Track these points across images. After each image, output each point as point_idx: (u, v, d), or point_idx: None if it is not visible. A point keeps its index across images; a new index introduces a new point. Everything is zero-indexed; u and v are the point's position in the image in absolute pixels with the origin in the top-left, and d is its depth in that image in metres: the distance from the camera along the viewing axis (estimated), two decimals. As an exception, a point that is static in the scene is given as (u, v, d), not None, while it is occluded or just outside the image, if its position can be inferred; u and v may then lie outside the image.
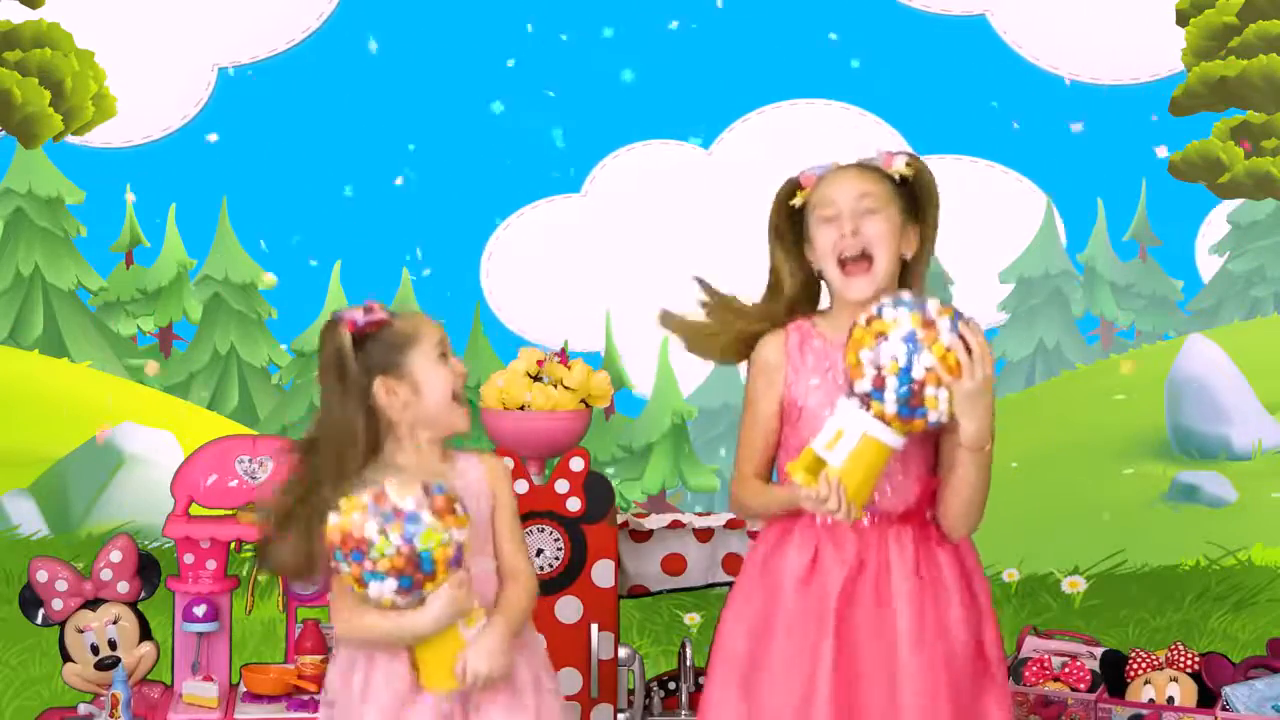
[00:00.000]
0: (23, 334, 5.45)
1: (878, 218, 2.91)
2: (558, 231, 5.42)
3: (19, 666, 4.93)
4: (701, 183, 5.41)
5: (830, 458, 2.78)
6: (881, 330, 2.73)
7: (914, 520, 2.94)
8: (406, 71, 5.36)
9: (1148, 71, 5.44)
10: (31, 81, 5.38)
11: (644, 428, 5.50)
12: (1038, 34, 5.44)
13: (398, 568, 2.73)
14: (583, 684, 3.75)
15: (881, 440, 2.77)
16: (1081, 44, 5.44)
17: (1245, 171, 5.53)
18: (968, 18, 5.42)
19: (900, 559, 2.91)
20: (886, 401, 2.74)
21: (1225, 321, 5.60)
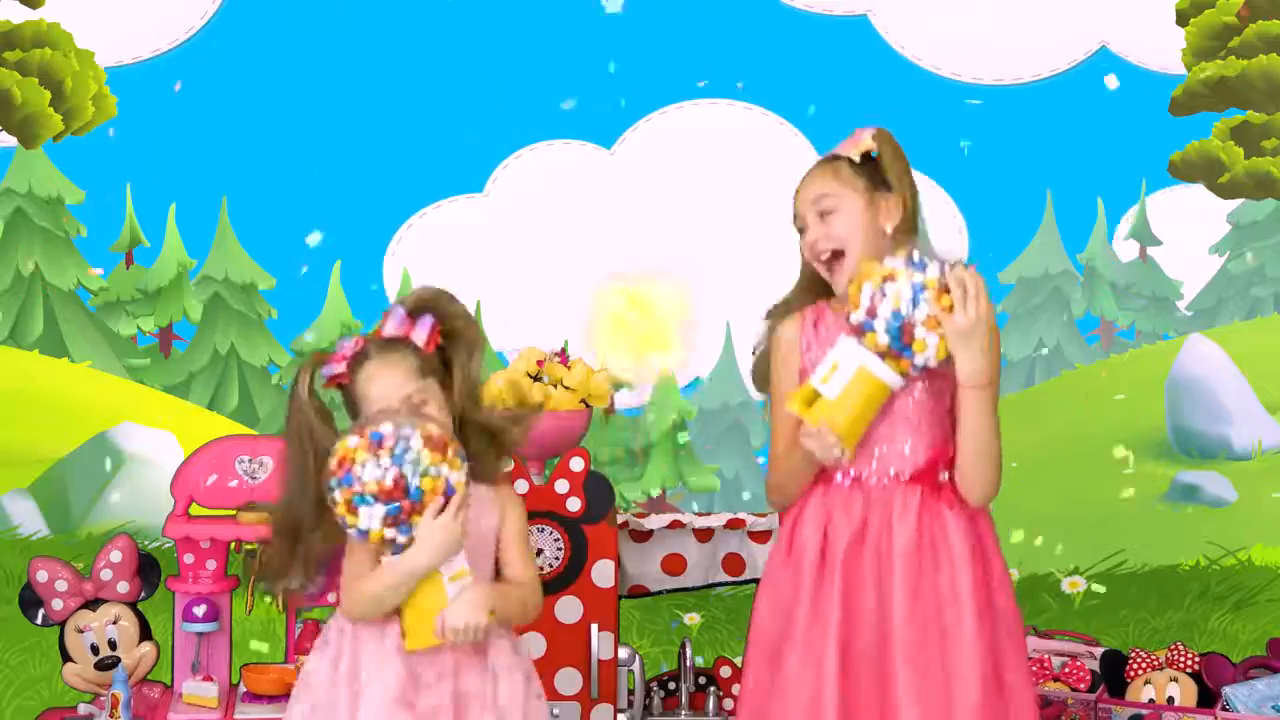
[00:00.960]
0: (23, 334, 5.45)
1: (837, 216, 3.00)
2: (460, 232, 5.43)
3: (19, 666, 4.93)
4: (604, 182, 5.42)
5: (825, 390, 2.84)
6: (881, 271, 2.82)
7: (924, 481, 2.97)
8: (303, 73, 5.37)
9: (1030, 72, 5.44)
10: (31, 81, 5.38)
11: (644, 428, 5.50)
12: (919, 34, 5.44)
13: (385, 492, 2.72)
14: (583, 684, 3.75)
15: (874, 373, 2.83)
16: (963, 43, 5.44)
17: (1245, 171, 5.53)
18: (850, 18, 5.42)
19: (902, 520, 2.95)
20: (878, 331, 2.80)
21: (1225, 321, 5.60)
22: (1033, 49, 5.45)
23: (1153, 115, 5.48)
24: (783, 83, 5.41)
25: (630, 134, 5.46)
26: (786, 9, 5.42)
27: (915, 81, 5.44)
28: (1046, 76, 5.45)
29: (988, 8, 5.42)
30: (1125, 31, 5.48)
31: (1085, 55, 5.45)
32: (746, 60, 5.40)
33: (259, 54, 5.37)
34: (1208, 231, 5.59)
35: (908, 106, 5.40)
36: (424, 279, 5.34)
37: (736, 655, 4.81)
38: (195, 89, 5.40)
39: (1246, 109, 5.53)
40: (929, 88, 5.45)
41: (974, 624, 2.93)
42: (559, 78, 5.38)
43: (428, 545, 2.77)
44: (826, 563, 2.96)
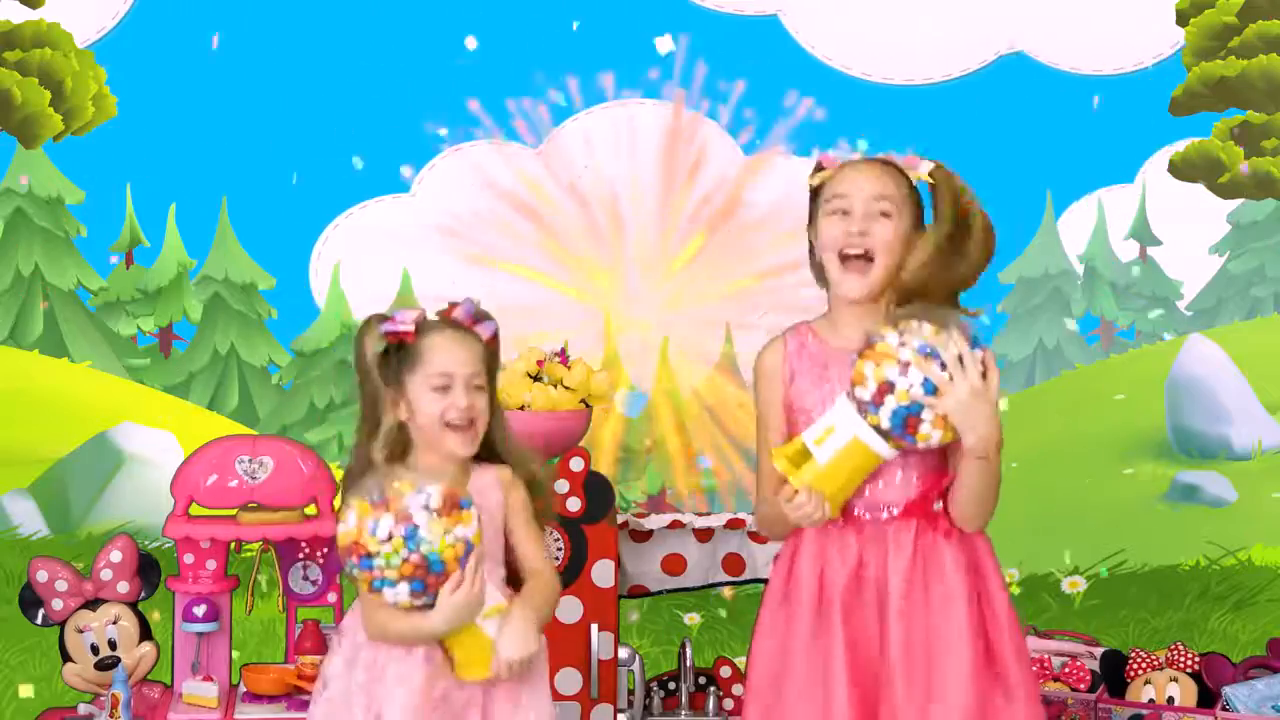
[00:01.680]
0: (23, 334, 5.46)
1: (889, 223, 2.90)
2: (387, 231, 5.44)
3: (19, 666, 4.93)
4: (530, 182, 5.43)
5: (818, 453, 2.80)
6: (890, 355, 2.74)
7: (917, 513, 2.91)
8: (243, 67, 5.39)
9: (940, 72, 5.44)
10: (31, 81, 5.38)
11: (644, 428, 5.50)
12: (829, 34, 5.44)
13: (406, 575, 2.75)
14: (583, 684, 3.75)
15: (870, 447, 2.79)
16: (874, 43, 5.44)
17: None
18: (760, 18, 5.42)
19: (897, 557, 2.89)
20: (882, 418, 2.75)
21: (1225, 321, 5.60)
22: (943, 49, 5.44)
23: (1068, 117, 5.45)
24: (694, 82, 5.39)
25: (557, 133, 5.45)
26: (697, 8, 5.41)
27: (826, 81, 5.43)
28: (956, 76, 5.44)
29: (898, 8, 5.41)
30: (1036, 32, 5.46)
31: (995, 56, 5.45)
32: (659, 60, 5.38)
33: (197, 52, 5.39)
34: (1208, 231, 5.59)
35: (818, 105, 5.39)
36: (352, 279, 5.39)
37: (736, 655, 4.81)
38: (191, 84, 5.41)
39: (1246, 109, 5.53)
40: (839, 87, 5.43)
41: (966, 668, 2.86)
42: (485, 77, 5.37)
43: (447, 614, 2.81)
44: (824, 604, 2.90)
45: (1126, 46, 5.50)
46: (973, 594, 2.91)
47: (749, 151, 5.38)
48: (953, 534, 2.92)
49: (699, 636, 5.06)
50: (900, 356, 2.73)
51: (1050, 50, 5.48)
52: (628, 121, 5.42)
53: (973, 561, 2.94)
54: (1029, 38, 5.47)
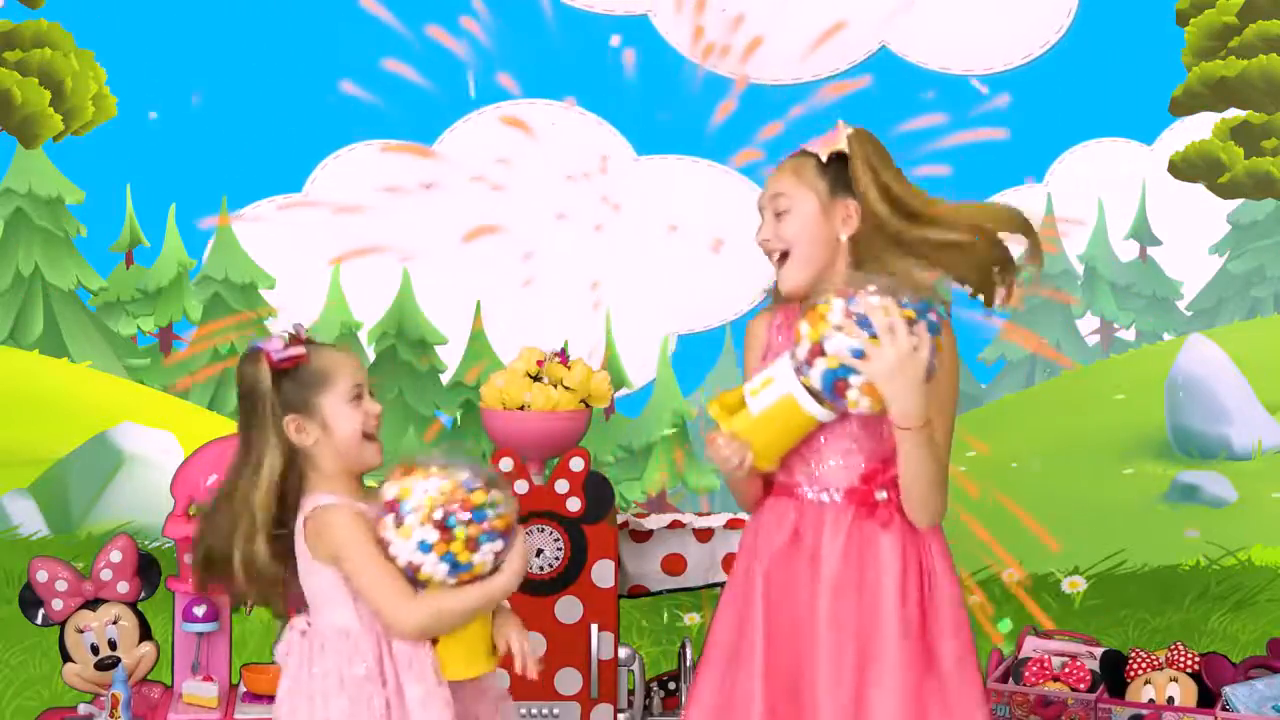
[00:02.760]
0: (23, 334, 5.45)
1: (790, 217, 2.95)
2: (279, 231, 5.45)
3: (19, 666, 4.93)
4: (427, 181, 5.44)
5: (752, 403, 2.82)
6: (824, 319, 2.76)
7: (857, 499, 2.91)
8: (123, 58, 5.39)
9: (809, 72, 5.43)
10: (31, 81, 5.38)
11: (644, 428, 5.50)
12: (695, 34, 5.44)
13: (502, 529, 2.76)
14: (583, 684, 3.75)
15: (801, 405, 2.80)
16: (743, 43, 5.43)
17: (1245, 171, 5.53)
18: (630, 18, 5.42)
19: (832, 539, 2.90)
20: (812, 377, 2.77)
21: (1225, 321, 5.60)
22: (811, 49, 5.43)
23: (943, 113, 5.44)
24: (565, 82, 5.41)
25: (448, 134, 5.45)
26: (567, 9, 5.40)
27: (695, 80, 5.41)
28: (825, 76, 5.44)
29: (767, 7, 5.41)
30: (904, 32, 5.46)
31: (865, 55, 5.45)
32: (535, 62, 5.40)
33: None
34: (1208, 231, 5.59)
35: (689, 104, 5.40)
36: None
37: (736, 655, 4.81)
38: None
39: (1246, 109, 5.53)
40: (708, 87, 5.42)
41: (896, 659, 2.86)
42: (378, 79, 5.38)
43: (515, 566, 2.80)
44: (753, 578, 2.94)
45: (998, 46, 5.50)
46: (908, 589, 2.89)
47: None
48: (892, 525, 2.91)
49: (699, 636, 5.06)
50: (832, 320, 2.75)
51: (919, 49, 5.46)
52: (520, 121, 5.44)
53: (914, 556, 2.92)
54: (900, 36, 5.47)
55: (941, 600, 2.92)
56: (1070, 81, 5.43)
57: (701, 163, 5.45)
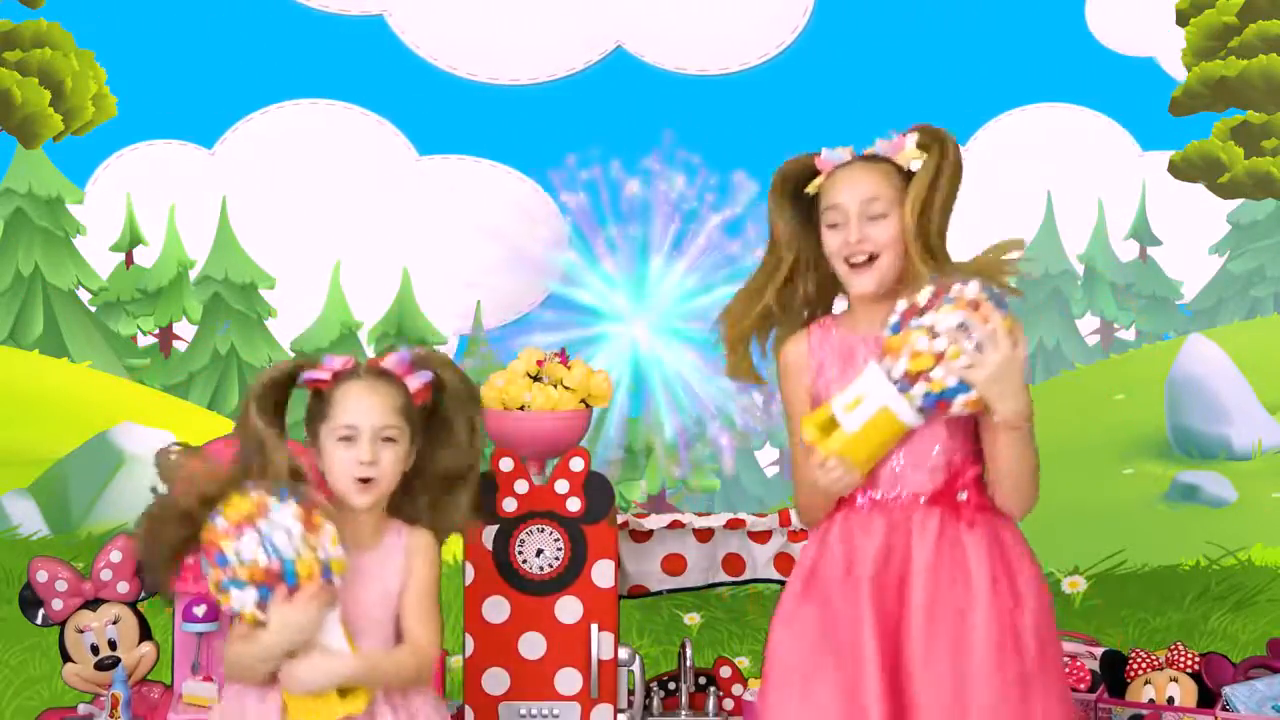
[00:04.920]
0: (23, 334, 5.45)
1: (885, 223, 2.94)
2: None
3: (19, 666, 4.93)
4: (202, 182, 5.47)
5: (846, 421, 2.81)
6: (925, 334, 2.76)
7: (942, 502, 2.92)
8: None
9: (545, 72, 5.44)
10: (31, 81, 5.38)
11: (644, 428, 5.50)
12: (435, 34, 5.44)
13: (257, 579, 2.72)
14: (583, 684, 3.75)
15: (899, 416, 2.80)
16: (479, 42, 5.43)
17: (1245, 171, 5.53)
18: (366, 18, 5.42)
19: (921, 542, 2.91)
20: (914, 396, 2.78)
21: (1225, 321, 5.60)
22: (549, 49, 5.43)
23: (675, 113, 5.40)
24: (306, 83, 5.42)
25: (230, 134, 5.46)
26: (302, 9, 5.40)
27: (433, 81, 5.43)
28: (562, 76, 5.44)
29: (500, 8, 5.41)
30: (639, 32, 5.45)
31: (601, 56, 5.45)
32: (277, 62, 5.41)
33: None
34: (1208, 231, 5.59)
35: (424, 104, 5.41)
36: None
37: (737, 655, 4.81)
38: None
39: (1246, 109, 5.53)
40: (447, 87, 5.43)
41: (992, 655, 2.86)
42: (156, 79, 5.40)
43: (275, 625, 2.75)
44: (851, 587, 2.91)
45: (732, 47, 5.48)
46: (997, 585, 2.90)
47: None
48: (976, 525, 2.92)
49: (699, 636, 5.06)
50: (934, 344, 2.74)
51: (654, 49, 5.45)
52: (300, 122, 5.46)
53: (998, 553, 2.93)
54: (636, 36, 5.46)
55: (1020, 583, 2.93)
56: (806, 81, 5.41)
57: (484, 162, 5.46)
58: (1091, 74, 5.50)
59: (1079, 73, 5.49)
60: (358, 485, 2.88)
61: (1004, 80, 5.45)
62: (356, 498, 2.88)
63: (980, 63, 5.42)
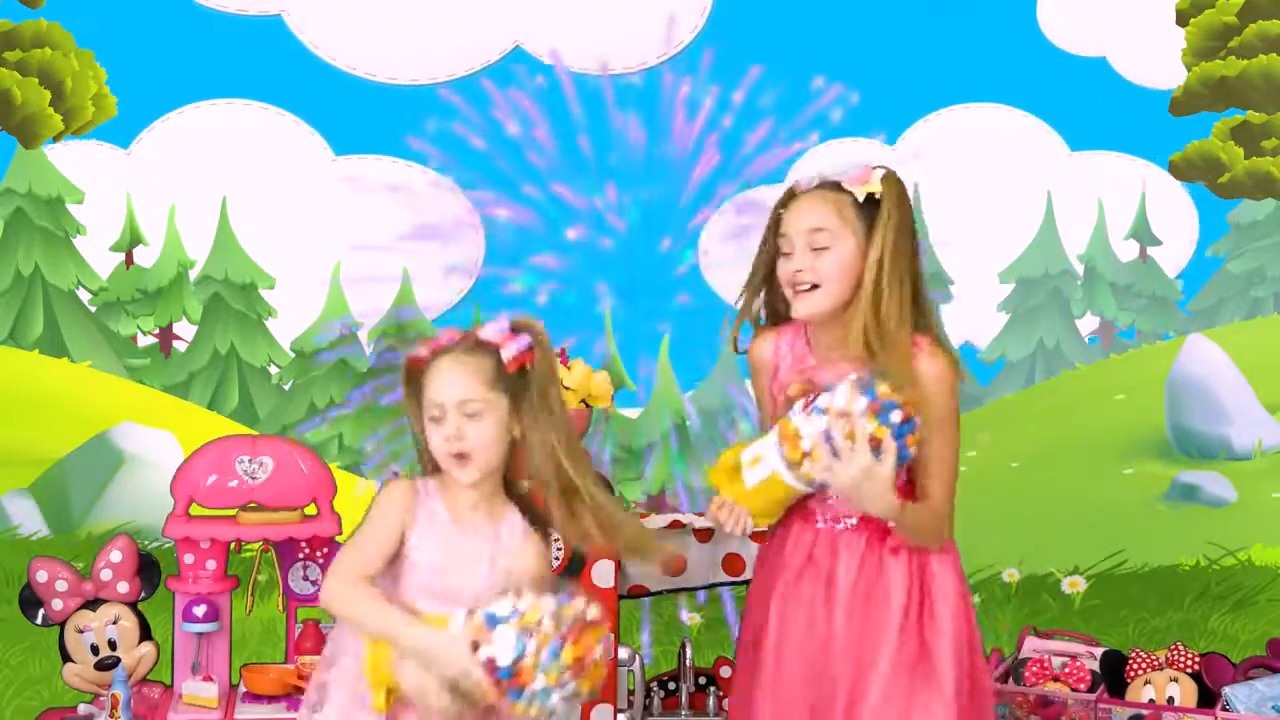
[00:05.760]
0: (23, 334, 5.46)
1: (828, 254, 2.97)
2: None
3: (19, 666, 4.93)
4: (120, 182, 5.46)
5: (747, 475, 2.97)
6: (796, 435, 2.91)
7: (870, 526, 3.02)
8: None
9: (444, 71, 5.43)
10: (31, 81, 5.38)
11: (644, 428, 5.50)
12: (333, 34, 5.44)
13: (518, 672, 2.73)
14: (583, 684, 3.74)
15: (789, 483, 2.95)
16: (378, 42, 5.44)
17: (1245, 171, 5.53)
18: (264, 18, 5.42)
19: (847, 565, 3.01)
20: (794, 482, 2.93)
21: (1225, 321, 5.60)
22: (448, 48, 5.43)
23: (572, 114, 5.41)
24: (220, 84, 5.43)
25: (147, 134, 5.45)
26: (200, 9, 5.39)
27: (332, 80, 5.43)
28: (462, 76, 5.44)
29: (401, 7, 5.41)
30: (537, 31, 5.45)
31: (500, 55, 5.44)
32: (175, 63, 5.41)
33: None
34: (1208, 231, 5.60)
35: (324, 105, 5.42)
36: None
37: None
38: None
39: (1246, 109, 5.53)
40: (346, 87, 5.43)
41: (887, 668, 2.96)
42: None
43: (421, 646, 2.79)
44: (772, 596, 3.05)
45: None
46: (910, 605, 2.99)
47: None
48: (900, 551, 3.02)
49: (699, 636, 5.06)
50: (802, 444, 2.89)
51: (552, 49, 5.45)
52: (209, 123, 5.47)
53: (919, 578, 3.02)
54: (534, 36, 5.46)
55: (939, 609, 3.00)
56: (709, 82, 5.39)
57: (400, 162, 5.46)
58: (1039, 73, 5.50)
59: (1026, 72, 5.49)
60: (455, 461, 2.89)
61: (947, 77, 5.45)
62: (457, 473, 2.90)
63: (922, 59, 5.42)
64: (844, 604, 2.99)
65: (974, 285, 5.54)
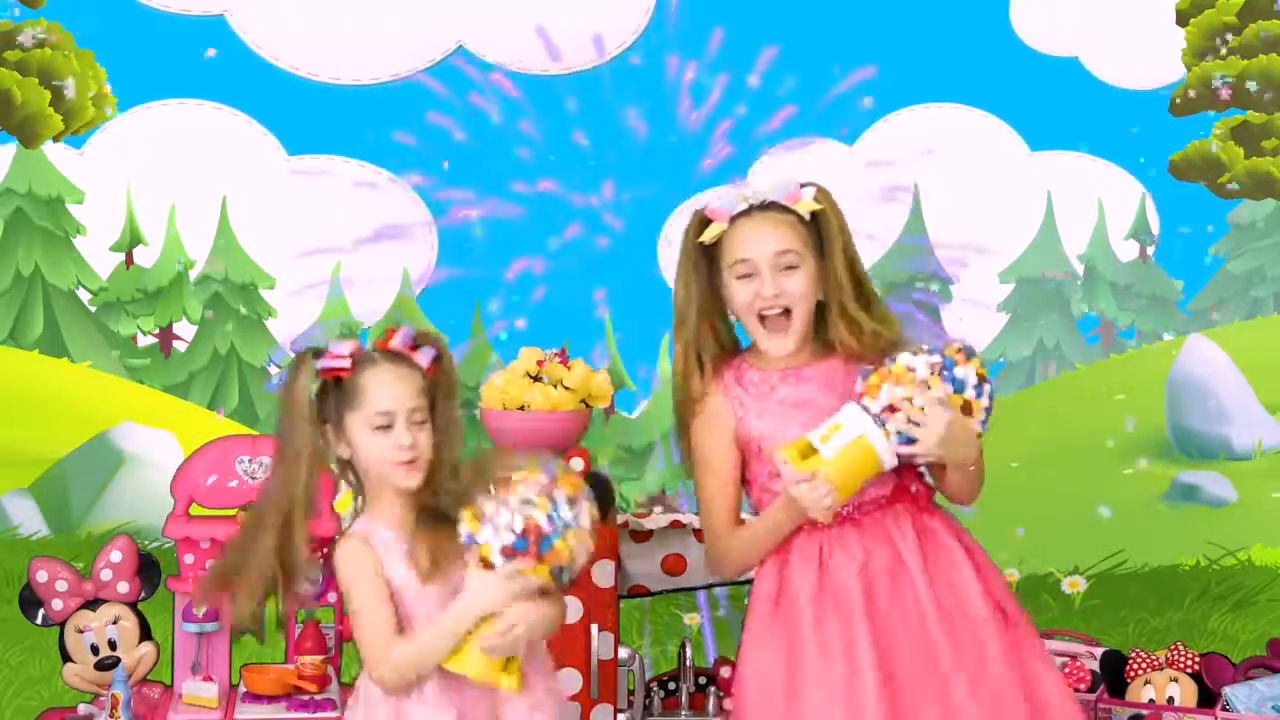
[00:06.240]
0: (23, 334, 5.45)
1: (797, 274, 2.96)
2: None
3: (19, 666, 4.93)
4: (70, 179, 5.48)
5: (823, 448, 2.86)
6: (908, 377, 2.87)
7: (904, 498, 3.01)
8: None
9: (388, 71, 5.42)
10: (31, 81, 5.38)
11: (644, 428, 5.50)
12: (276, 34, 5.42)
13: (522, 530, 2.73)
14: (583, 684, 3.75)
15: (875, 447, 2.86)
16: (320, 41, 5.41)
17: (1245, 171, 5.53)
18: (208, 17, 5.41)
19: (901, 535, 2.98)
20: (889, 429, 2.87)
21: (1225, 321, 5.60)
22: (390, 48, 5.41)
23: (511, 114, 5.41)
24: (170, 84, 5.42)
25: (100, 135, 5.45)
26: (144, 9, 5.38)
27: (276, 81, 5.41)
28: (405, 77, 5.43)
29: (343, 7, 5.40)
30: (480, 31, 5.44)
31: (443, 55, 5.44)
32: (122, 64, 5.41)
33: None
34: (1208, 231, 5.59)
35: (270, 105, 5.41)
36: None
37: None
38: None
39: (1246, 109, 5.53)
40: (289, 87, 5.41)
41: (992, 620, 2.97)
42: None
43: (476, 597, 2.78)
44: (828, 598, 2.95)
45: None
46: (968, 556, 3.01)
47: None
48: (934, 512, 3.05)
49: (699, 636, 5.06)
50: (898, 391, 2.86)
51: (494, 49, 5.44)
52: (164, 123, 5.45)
53: (953, 528, 3.05)
54: (475, 36, 5.45)
55: (976, 553, 3.05)
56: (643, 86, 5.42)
57: (352, 162, 5.45)
58: (1012, 72, 5.50)
59: (998, 71, 5.49)
60: (404, 468, 2.86)
61: (916, 77, 5.45)
62: (405, 480, 2.87)
63: (890, 58, 5.42)
64: (925, 585, 2.95)
65: (974, 285, 5.54)
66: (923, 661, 2.92)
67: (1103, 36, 5.52)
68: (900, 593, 2.95)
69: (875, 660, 2.89)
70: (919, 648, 2.93)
